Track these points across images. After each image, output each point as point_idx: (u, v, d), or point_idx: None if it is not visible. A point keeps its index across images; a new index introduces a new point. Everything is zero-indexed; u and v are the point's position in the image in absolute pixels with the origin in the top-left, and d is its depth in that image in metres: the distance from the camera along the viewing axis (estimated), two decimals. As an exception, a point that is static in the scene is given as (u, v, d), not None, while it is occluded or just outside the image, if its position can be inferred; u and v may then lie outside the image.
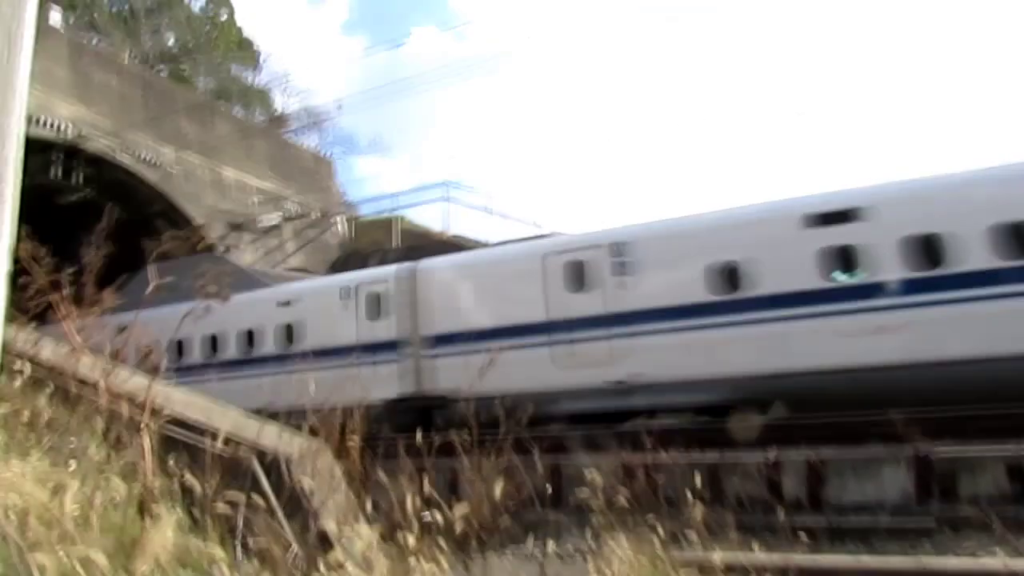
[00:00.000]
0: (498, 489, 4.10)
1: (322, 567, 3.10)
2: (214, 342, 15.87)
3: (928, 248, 9.87)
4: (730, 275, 11.01)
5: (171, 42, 36.74)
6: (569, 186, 64.48)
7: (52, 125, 19.71)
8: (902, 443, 7.43)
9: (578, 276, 12.20)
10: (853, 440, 8.34)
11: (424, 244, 23.72)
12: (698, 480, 4.53)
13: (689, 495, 4.30)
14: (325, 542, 3.47)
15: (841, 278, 10.50)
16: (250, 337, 15.58)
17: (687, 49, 69.10)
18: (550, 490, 5.78)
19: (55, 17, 22.87)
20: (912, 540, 6.11)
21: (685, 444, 8.34)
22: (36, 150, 18.73)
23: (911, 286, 9.92)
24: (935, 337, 9.39)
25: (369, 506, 4.16)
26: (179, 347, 15.35)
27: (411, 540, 3.43)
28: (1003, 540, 5.40)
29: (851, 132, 61.95)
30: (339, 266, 25.60)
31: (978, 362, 8.88)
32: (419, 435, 4.85)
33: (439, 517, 3.74)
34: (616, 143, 69.98)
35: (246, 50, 39.86)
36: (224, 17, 39.03)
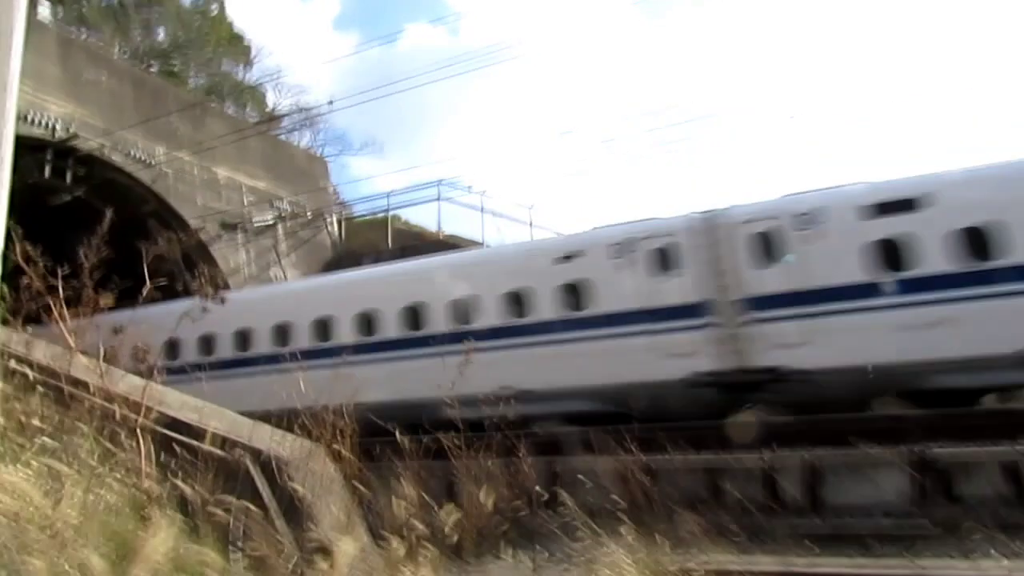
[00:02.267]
0: (490, 494, 4.07)
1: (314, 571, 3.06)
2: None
3: None
4: None
5: (161, 36, 36.32)
6: (566, 185, 64.46)
7: (42, 123, 19.53)
8: (899, 444, 7.42)
9: None
10: (850, 441, 8.30)
11: (418, 244, 23.67)
12: (696, 482, 4.51)
13: (687, 499, 4.28)
14: (318, 546, 3.44)
15: None
16: None
17: (679, 47, 69.24)
18: (542, 493, 5.72)
19: (44, 12, 22.64)
20: (909, 544, 6.09)
21: (683, 445, 8.28)
22: (27, 149, 18.54)
23: None
24: None
25: (364, 509, 4.13)
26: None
27: (402, 547, 3.40)
28: (1001, 543, 5.40)
29: (846, 134, 62.11)
30: (333, 266, 25.50)
31: None
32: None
33: (435, 520, 3.71)
34: (615, 141, 70.07)
35: (237, 44, 39.18)
36: (215, 10, 38.47)
